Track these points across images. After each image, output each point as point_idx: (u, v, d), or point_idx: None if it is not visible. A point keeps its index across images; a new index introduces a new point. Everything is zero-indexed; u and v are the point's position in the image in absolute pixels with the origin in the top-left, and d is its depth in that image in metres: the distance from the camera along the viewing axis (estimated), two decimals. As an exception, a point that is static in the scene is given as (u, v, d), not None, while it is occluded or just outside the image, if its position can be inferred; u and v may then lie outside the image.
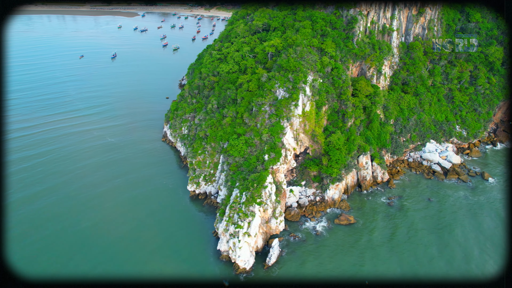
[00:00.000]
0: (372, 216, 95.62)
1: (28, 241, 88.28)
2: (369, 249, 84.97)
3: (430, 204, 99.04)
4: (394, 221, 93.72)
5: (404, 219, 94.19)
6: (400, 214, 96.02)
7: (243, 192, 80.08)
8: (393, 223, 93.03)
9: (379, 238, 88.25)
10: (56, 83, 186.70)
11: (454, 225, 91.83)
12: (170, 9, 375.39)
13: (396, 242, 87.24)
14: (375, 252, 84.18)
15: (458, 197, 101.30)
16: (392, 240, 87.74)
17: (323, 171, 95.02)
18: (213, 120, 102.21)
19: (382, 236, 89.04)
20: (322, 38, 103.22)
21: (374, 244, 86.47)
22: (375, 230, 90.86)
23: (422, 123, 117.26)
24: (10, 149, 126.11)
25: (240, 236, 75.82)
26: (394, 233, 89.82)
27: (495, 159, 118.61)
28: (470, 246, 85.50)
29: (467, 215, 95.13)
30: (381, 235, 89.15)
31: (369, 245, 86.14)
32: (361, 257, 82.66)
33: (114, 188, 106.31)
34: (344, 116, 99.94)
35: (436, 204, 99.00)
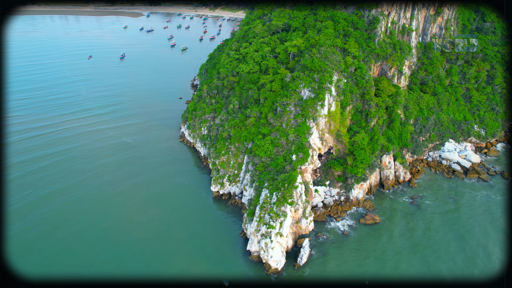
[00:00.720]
0: (396, 216, 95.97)
1: (50, 241, 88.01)
2: (397, 249, 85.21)
3: (454, 204, 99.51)
4: (419, 220, 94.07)
5: (428, 219, 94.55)
6: (424, 214, 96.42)
7: (273, 193, 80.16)
8: (418, 223, 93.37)
9: (406, 238, 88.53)
10: (66, 82, 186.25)
11: (481, 225, 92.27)
12: (174, 9, 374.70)
13: (422, 242, 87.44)
14: (402, 252, 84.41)
15: (481, 197, 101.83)
16: (417, 240, 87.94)
17: (348, 170, 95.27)
18: (236, 120, 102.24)
19: (408, 236, 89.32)
20: (345, 38, 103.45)
21: (401, 244, 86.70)
22: (401, 230, 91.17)
23: (441, 123, 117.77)
24: (26, 149, 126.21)
25: (272, 237, 75.93)
26: (419, 233, 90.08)
27: (506, 158, 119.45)
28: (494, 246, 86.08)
29: (493, 214, 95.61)
30: (407, 235, 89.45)
31: (396, 245, 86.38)
32: (390, 257, 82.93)
33: (134, 188, 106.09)
34: (368, 116, 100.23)
35: (459, 204, 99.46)
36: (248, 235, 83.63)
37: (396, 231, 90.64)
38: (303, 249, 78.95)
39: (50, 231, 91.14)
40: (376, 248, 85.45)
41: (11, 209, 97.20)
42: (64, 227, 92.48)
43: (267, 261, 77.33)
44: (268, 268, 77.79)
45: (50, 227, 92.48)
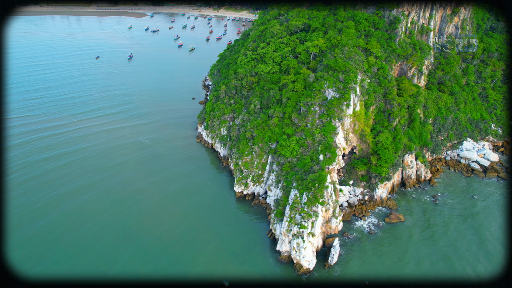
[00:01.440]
0: (420, 215, 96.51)
1: (77, 239, 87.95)
2: (424, 248, 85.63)
3: (476, 202, 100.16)
4: (442, 219, 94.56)
5: (451, 218, 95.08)
6: (447, 213, 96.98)
7: (303, 193, 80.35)
8: (442, 222, 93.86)
9: (431, 238, 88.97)
10: (75, 82, 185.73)
11: (502, 225, 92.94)
12: (178, 9, 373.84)
13: (445, 241, 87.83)
14: (429, 252, 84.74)
15: (503, 196, 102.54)
16: (442, 239, 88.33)
17: (372, 170, 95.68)
18: (258, 120, 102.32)
19: (433, 235, 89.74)
20: (366, 38, 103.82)
21: (427, 244, 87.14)
22: (426, 229, 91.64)
23: (459, 122, 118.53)
24: (43, 148, 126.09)
25: (304, 237, 76.15)
26: (443, 232, 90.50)
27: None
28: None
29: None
30: (432, 234, 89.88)
31: (423, 245, 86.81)
32: (417, 257, 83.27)
33: (154, 188, 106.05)
34: (390, 116, 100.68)
35: (482, 203, 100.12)
36: (277, 235, 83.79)
37: (421, 230, 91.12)
38: (334, 248, 79.23)
39: (72, 230, 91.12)
40: (404, 247, 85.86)
41: (32, 209, 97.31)
42: (86, 226, 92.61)
43: (298, 261, 77.53)
44: (299, 268, 77.99)
45: (72, 226, 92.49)
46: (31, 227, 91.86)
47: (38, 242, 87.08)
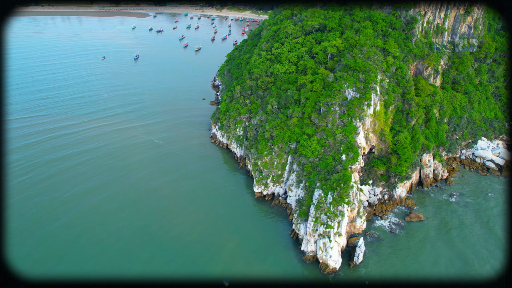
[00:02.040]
0: (439, 213, 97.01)
1: (96, 239, 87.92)
2: (444, 247, 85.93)
3: (494, 201, 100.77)
4: (461, 218, 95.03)
5: (471, 217, 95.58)
6: (466, 211, 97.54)
7: (328, 192, 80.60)
8: (460, 221, 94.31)
9: (451, 236, 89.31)
10: (83, 82, 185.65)
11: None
12: (180, 10, 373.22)
13: (465, 239, 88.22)
14: (449, 250, 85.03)
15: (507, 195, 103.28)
16: (461, 238, 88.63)
17: (392, 169, 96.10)
18: (277, 121, 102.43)
19: (453, 234, 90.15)
20: (384, 38, 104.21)
21: (447, 243, 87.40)
22: (446, 228, 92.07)
23: (473, 121, 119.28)
24: (56, 148, 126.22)
25: (331, 236, 76.39)
26: (463, 231, 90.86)
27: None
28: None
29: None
30: (452, 233, 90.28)
31: (443, 244, 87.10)
32: (438, 256, 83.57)
33: (172, 189, 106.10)
34: (408, 115, 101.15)
35: (497, 201, 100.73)
36: (302, 235, 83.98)
37: (441, 229, 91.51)
38: (359, 248, 79.51)
39: (90, 230, 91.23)
40: (426, 247, 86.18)
41: (49, 209, 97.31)
42: (104, 225, 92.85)
43: (324, 261, 77.76)
44: (324, 268, 78.21)
45: (90, 226, 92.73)
46: (49, 227, 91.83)
47: (57, 243, 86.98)
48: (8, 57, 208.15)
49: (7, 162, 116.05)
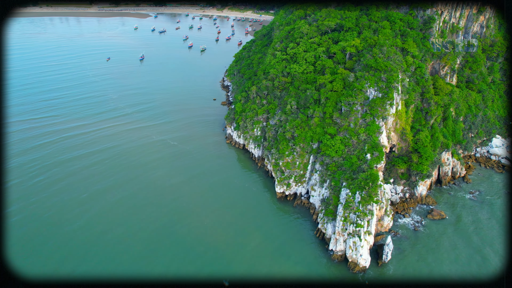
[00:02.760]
0: (460, 211, 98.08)
1: (118, 239, 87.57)
2: (468, 245, 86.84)
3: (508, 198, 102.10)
4: (483, 216, 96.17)
5: (491, 214, 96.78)
6: (486, 209, 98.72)
7: (356, 192, 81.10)
8: (481, 217, 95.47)
9: (473, 234, 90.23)
10: (90, 82, 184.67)
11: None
12: (181, 10, 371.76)
13: (487, 237, 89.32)
14: (472, 249, 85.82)
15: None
16: (483, 236, 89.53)
17: (413, 168, 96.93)
18: (297, 121, 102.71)
19: (474, 231, 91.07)
20: (402, 38, 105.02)
21: (470, 240, 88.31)
22: (467, 226, 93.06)
23: (487, 119, 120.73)
24: (71, 148, 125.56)
25: (361, 235, 76.92)
26: (485, 229, 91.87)
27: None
28: None
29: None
30: (474, 231, 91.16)
31: (467, 241, 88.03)
32: (463, 254, 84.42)
33: (191, 189, 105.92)
34: (427, 114, 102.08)
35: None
36: (329, 234, 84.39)
37: (464, 227, 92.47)
38: (387, 246, 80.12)
39: (111, 230, 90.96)
40: (450, 244, 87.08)
41: (69, 209, 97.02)
42: (125, 225, 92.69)
43: (353, 260, 78.27)
44: (353, 267, 78.77)
45: (111, 226, 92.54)
46: (69, 228, 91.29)
47: (78, 243, 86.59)
48: (10, 58, 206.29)
49: (21, 163, 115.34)
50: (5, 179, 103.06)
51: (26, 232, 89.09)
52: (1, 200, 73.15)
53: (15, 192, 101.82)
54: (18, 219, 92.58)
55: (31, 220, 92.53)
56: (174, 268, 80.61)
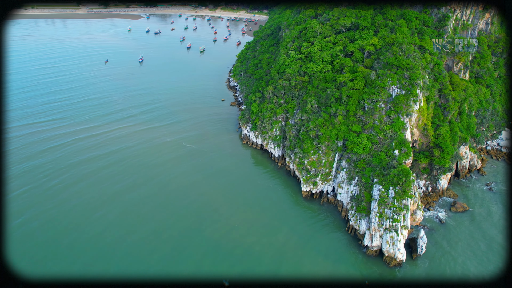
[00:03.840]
0: (481, 202, 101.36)
1: (145, 241, 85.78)
2: (495, 236, 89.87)
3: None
4: (504, 207, 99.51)
5: (509, 206, 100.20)
6: (505, 200, 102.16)
7: (389, 187, 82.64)
8: (502, 208, 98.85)
9: (499, 225, 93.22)
10: (91, 84, 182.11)
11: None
12: (173, 11, 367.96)
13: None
14: (497, 240, 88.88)
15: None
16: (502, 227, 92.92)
17: (435, 162, 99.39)
18: (320, 119, 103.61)
19: (498, 222, 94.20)
20: (419, 36, 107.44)
21: (497, 231, 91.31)
22: (493, 216, 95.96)
23: (497, 113, 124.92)
24: (84, 150, 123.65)
25: (398, 230, 78.48)
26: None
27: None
28: None
29: None
30: (499, 222, 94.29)
31: (494, 232, 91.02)
32: (491, 245, 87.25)
33: (215, 191, 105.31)
34: (446, 110, 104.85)
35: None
36: (363, 231, 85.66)
37: (488, 218, 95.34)
38: (421, 239, 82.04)
39: (136, 231, 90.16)
40: (479, 236, 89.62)
41: (91, 211, 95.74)
42: (149, 225, 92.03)
43: (390, 254, 79.78)
44: (389, 261, 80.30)
45: (136, 226, 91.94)
46: (94, 230, 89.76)
47: (102, 245, 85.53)
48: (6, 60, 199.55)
49: (33, 167, 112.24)
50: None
51: (43, 236, 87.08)
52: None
53: (29, 198, 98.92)
54: (37, 225, 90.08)
55: (50, 226, 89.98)
56: (206, 267, 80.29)
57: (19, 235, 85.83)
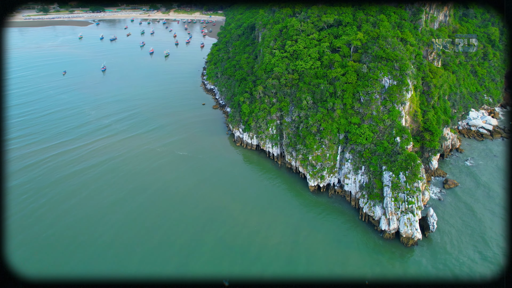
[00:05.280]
0: (467, 177, 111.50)
1: (163, 244, 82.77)
2: (489, 207, 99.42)
3: (499, 160, 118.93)
4: (487, 179, 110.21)
5: (492, 176, 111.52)
6: (486, 172, 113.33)
7: (399, 173, 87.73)
8: (488, 181, 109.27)
9: (490, 196, 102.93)
10: (53, 95, 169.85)
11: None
12: (123, 15, 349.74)
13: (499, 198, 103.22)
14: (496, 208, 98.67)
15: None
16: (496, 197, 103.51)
17: (426, 145, 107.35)
18: (319, 114, 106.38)
19: (490, 193, 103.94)
20: (400, 29, 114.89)
21: (491, 202, 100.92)
22: (481, 188, 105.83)
23: (463, 96, 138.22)
24: (66, 164, 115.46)
25: (414, 211, 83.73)
26: (494, 190, 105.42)
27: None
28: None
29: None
30: (489, 193, 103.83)
31: (488, 202, 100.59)
32: (492, 213, 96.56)
33: (222, 194, 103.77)
34: (429, 96, 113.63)
35: (503, 159, 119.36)
36: (378, 216, 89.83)
37: (479, 191, 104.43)
38: (432, 217, 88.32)
39: (143, 240, 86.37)
40: (477, 209, 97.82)
41: (95, 220, 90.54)
42: (162, 228, 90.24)
43: (408, 235, 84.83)
44: (407, 241, 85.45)
45: (150, 229, 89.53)
46: (101, 239, 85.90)
47: (112, 252, 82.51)
48: None
49: (11, 189, 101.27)
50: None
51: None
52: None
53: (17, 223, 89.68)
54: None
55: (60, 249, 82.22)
56: (238, 271, 79.41)
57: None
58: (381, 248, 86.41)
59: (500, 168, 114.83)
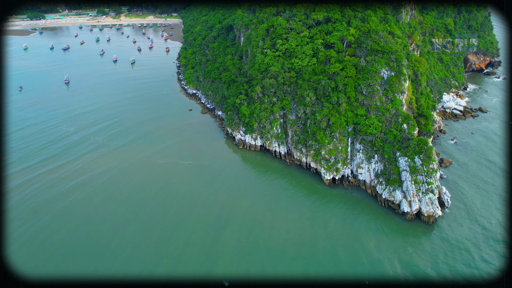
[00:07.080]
0: (457, 155, 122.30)
1: (187, 247, 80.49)
2: (485, 178, 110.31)
3: (476, 136, 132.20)
4: (472, 154, 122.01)
5: (478, 152, 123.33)
6: (470, 149, 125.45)
7: (414, 157, 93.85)
8: (475, 155, 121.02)
9: (489, 167, 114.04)
10: (15, 111, 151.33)
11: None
12: (67, 22, 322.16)
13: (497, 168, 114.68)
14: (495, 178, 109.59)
15: (486, 127, 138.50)
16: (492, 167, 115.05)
17: (422, 129, 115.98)
18: (325, 110, 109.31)
19: (485, 166, 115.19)
20: (386, 23, 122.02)
21: (488, 172, 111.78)
22: (473, 162, 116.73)
23: (436, 81, 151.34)
24: (61, 181, 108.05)
25: (434, 190, 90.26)
26: (484, 165, 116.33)
27: (474, 98, 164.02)
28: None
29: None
30: (482, 168, 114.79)
31: (485, 174, 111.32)
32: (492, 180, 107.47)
33: (231, 194, 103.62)
34: (418, 84, 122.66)
35: (480, 136, 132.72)
36: (398, 200, 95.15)
37: (472, 166, 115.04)
38: (445, 194, 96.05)
39: (169, 237, 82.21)
40: (477, 180, 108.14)
41: (105, 228, 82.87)
42: (176, 232, 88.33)
43: (429, 213, 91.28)
44: (428, 220, 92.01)
45: (166, 233, 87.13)
46: (108, 248, 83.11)
47: (120, 259, 79.75)
48: None
49: None
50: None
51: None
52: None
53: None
54: None
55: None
56: (271, 272, 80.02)
57: None
58: (406, 229, 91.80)
59: (481, 143, 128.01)
